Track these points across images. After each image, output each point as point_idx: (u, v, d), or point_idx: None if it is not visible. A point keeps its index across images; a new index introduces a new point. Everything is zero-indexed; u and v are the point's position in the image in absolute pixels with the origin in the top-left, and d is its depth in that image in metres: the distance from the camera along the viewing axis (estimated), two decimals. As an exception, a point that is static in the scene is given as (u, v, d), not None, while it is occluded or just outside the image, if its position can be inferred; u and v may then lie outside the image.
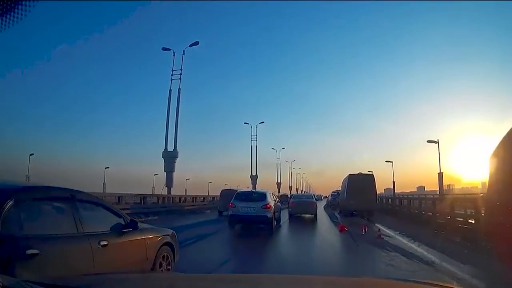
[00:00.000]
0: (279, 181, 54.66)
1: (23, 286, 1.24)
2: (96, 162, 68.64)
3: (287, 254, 8.17)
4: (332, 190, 63.60)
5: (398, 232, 12.13)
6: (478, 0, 46.49)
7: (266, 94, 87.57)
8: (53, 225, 3.08)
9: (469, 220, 11.40)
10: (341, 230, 11.84)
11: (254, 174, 42.50)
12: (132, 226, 3.97)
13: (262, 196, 12.56)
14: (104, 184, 44.90)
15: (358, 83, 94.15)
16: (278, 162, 55.49)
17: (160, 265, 4.41)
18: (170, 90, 24.23)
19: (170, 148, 23.14)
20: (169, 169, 22.85)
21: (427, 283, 1.84)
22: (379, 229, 11.09)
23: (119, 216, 3.97)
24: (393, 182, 33.69)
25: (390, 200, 27.32)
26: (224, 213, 16.64)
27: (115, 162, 74.04)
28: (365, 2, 56.22)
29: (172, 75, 24.47)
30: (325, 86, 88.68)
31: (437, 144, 22.16)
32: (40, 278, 1.53)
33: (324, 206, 35.30)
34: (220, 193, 20.24)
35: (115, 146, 75.03)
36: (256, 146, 42.81)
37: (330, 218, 20.07)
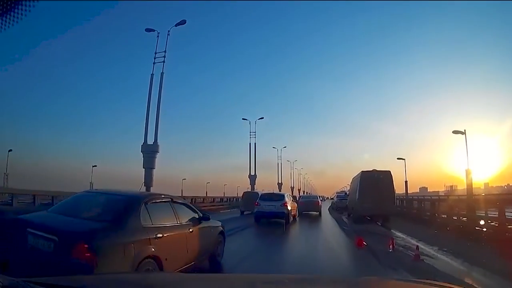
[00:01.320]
0: (280, 182, 50.43)
1: (23, 286, 1.28)
2: (84, 160, 65.80)
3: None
4: (336, 191, 60.60)
5: (436, 248, 8.78)
6: (483, 0, 46.60)
7: (268, 94, 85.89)
8: (165, 218, 4.75)
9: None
10: (359, 245, 8.49)
11: (252, 173, 38.63)
12: (205, 218, 5.88)
13: (281, 196, 16.18)
14: (91, 183, 41.94)
15: (361, 85, 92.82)
16: (279, 161, 51.55)
17: (217, 248, 6.36)
18: (152, 75, 20.74)
19: (150, 141, 19.82)
20: (149, 165, 19.41)
21: (427, 283, 1.88)
22: (417, 247, 7.71)
23: (195, 211, 5.79)
24: (406, 181, 30.22)
25: (404, 202, 24.04)
26: (246, 213, 19.64)
27: (103, 160, 71.26)
28: (371, 2, 53.71)
29: (155, 58, 21.10)
30: (327, 87, 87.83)
31: (464, 135, 18.75)
32: (40, 278, 1.46)
33: (328, 209, 31.87)
34: (242, 195, 23.15)
35: (104, 143, 72.34)
36: (255, 143, 39.38)
37: (338, 224, 16.72)
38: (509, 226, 9.94)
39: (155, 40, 20.86)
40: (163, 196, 5.17)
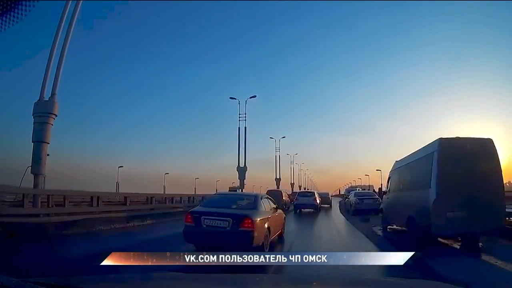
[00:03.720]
0: (278, 177, 43.42)
1: (23, 286, 1.32)
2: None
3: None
4: (346, 188, 52.07)
5: None
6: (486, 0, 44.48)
7: (269, 91, 78.30)
8: (267, 206, 7.96)
9: None
10: None
11: (242, 165, 30.11)
12: (279, 208, 9.60)
13: (312, 193, 24.36)
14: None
15: (366, 82, 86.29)
16: (277, 153, 44.23)
17: (283, 227, 9.36)
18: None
19: (48, 96, 11.52)
20: (39, 137, 11.11)
21: (427, 283, 2.07)
22: None
23: (274, 203, 8.93)
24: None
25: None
26: None
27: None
28: (378, 2, 50.24)
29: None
30: (331, 85, 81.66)
31: None
32: (40, 278, 1.56)
33: (341, 211, 23.52)
34: (266, 193, 24.86)
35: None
36: (245, 128, 30.76)
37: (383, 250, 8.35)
38: None
39: None
40: (265, 194, 10.00)
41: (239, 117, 30.30)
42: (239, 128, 30.33)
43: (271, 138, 43.91)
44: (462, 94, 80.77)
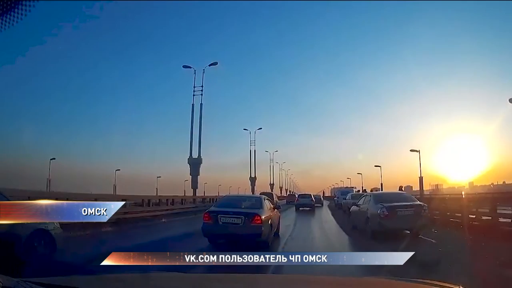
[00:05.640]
0: (253, 176, 38.48)
1: (23, 286, 1.30)
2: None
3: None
4: (331, 188, 50.04)
5: None
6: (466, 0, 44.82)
7: (249, 90, 76.23)
8: (269, 206, 9.36)
9: None
10: None
11: (195, 156, 26.10)
12: (278, 207, 13.05)
13: (309, 195, 28.78)
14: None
15: (347, 83, 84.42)
16: (252, 147, 38.91)
17: (279, 224, 10.56)
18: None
19: None
20: None
21: (427, 283, 1.93)
22: None
23: (273, 203, 11.41)
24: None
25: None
26: None
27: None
28: (354, 2, 48.77)
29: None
30: (312, 85, 79.70)
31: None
32: (40, 278, 1.56)
33: (358, 238, 11.15)
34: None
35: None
36: (201, 104, 25.74)
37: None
38: None
39: None
40: (266, 196, 10.95)
41: (194, 91, 24.72)
42: (193, 104, 25.02)
43: (245, 129, 38.84)
44: (448, 94, 79.32)
